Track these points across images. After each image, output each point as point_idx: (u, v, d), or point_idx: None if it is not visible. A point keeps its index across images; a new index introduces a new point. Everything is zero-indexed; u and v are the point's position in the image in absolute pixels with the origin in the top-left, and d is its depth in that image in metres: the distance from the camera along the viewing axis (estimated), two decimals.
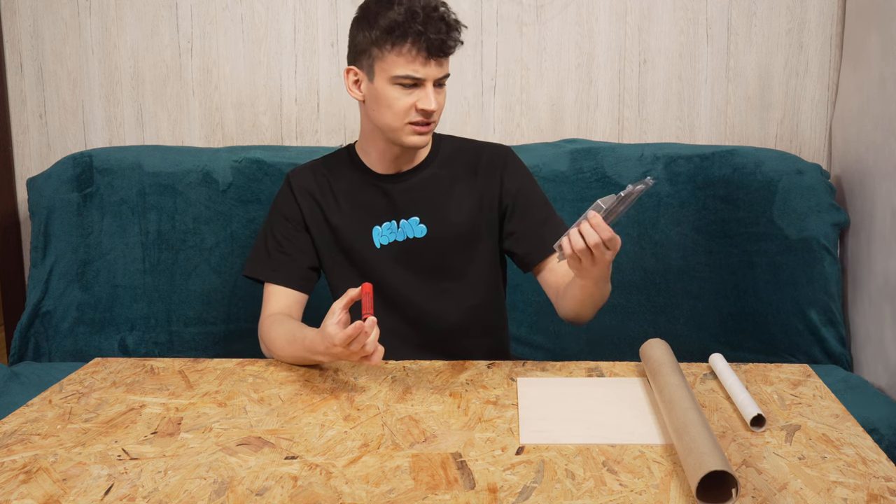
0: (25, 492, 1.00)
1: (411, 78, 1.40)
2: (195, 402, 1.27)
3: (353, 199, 1.56)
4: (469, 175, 1.57)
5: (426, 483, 1.01)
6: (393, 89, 1.42)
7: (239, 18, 2.26)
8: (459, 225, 1.55)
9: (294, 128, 2.31)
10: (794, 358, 2.04)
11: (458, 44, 1.43)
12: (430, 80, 1.41)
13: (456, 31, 1.42)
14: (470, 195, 1.56)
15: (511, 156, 1.60)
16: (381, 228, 1.55)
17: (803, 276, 2.03)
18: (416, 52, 1.39)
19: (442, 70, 1.43)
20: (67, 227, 2.10)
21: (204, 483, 1.01)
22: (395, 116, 1.44)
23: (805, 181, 2.05)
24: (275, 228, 1.58)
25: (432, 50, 1.39)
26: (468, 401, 1.26)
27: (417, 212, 1.54)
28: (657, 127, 2.27)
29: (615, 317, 2.07)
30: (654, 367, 1.27)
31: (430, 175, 1.56)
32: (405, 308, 1.55)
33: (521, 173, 1.59)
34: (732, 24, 2.22)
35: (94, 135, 2.32)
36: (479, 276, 1.58)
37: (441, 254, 1.55)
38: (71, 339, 2.10)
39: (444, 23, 1.40)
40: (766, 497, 0.97)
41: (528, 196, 1.58)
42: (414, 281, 1.55)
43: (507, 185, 1.57)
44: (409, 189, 1.55)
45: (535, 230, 1.55)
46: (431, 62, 1.40)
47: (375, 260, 1.54)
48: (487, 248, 1.58)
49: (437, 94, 1.44)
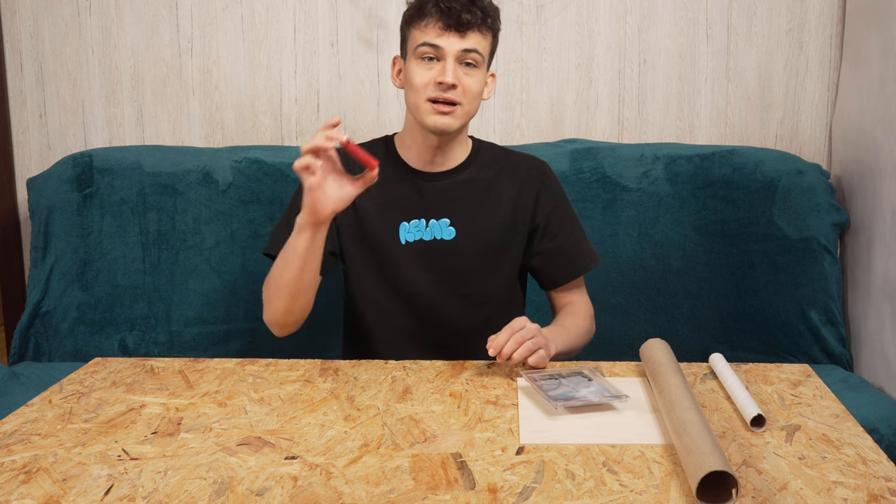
0: (25, 492, 0.99)
1: (429, 46, 1.42)
2: (195, 402, 1.27)
3: (385, 192, 1.53)
4: (506, 185, 1.56)
5: (426, 483, 1.01)
6: (417, 64, 1.44)
7: (239, 18, 2.26)
8: (489, 233, 1.54)
9: (294, 128, 2.31)
10: (794, 358, 2.04)
11: (481, 20, 1.43)
12: (450, 54, 1.42)
13: (479, 8, 1.43)
14: (504, 205, 1.55)
15: (549, 173, 1.59)
16: (408, 225, 1.53)
17: (803, 276, 2.04)
18: (434, 22, 1.42)
19: (462, 44, 1.42)
20: (67, 227, 2.10)
21: (204, 483, 1.01)
22: (416, 92, 1.44)
23: (805, 181, 2.05)
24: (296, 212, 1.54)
25: (450, 21, 1.41)
26: (468, 401, 1.26)
27: (449, 214, 1.53)
28: (657, 127, 2.27)
29: (615, 317, 2.07)
30: (654, 367, 1.27)
31: (467, 179, 1.55)
32: (419, 307, 1.55)
33: (557, 192, 1.59)
34: (732, 24, 2.22)
35: (94, 135, 2.32)
36: (499, 286, 1.57)
37: (466, 259, 1.54)
38: (71, 339, 2.10)
39: (469, 1, 1.42)
40: (766, 497, 0.97)
41: (561, 218, 1.57)
42: (433, 282, 1.53)
43: (543, 204, 1.56)
44: (444, 189, 1.53)
45: (562, 253, 1.55)
46: (449, 34, 1.41)
47: (398, 255, 1.53)
48: (512, 260, 1.57)
49: (464, 74, 1.43)
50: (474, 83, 1.45)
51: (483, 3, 1.44)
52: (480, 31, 1.44)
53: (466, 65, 1.44)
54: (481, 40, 1.44)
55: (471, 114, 1.48)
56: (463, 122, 1.47)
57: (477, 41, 1.44)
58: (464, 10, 1.41)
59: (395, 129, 2.28)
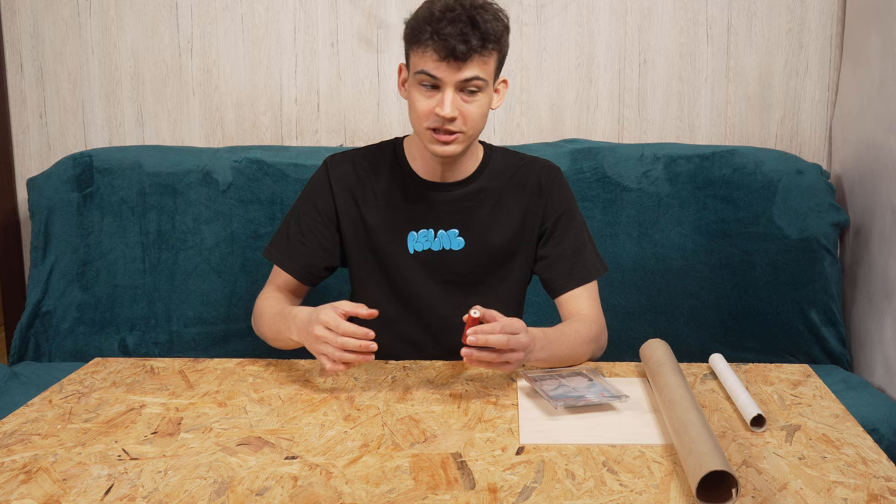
0: (25, 492, 0.99)
1: (427, 76, 1.35)
2: (195, 402, 1.27)
3: (393, 201, 1.51)
4: (516, 193, 1.53)
5: (426, 483, 1.01)
6: (417, 89, 1.38)
7: (239, 18, 2.26)
8: (499, 243, 1.52)
9: (294, 128, 2.31)
10: (794, 358, 2.04)
11: (480, 46, 1.33)
12: (448, 84, 1.34)
13: (479, 32, 1.33)
14: (514, 214, 1.53)
15: (560, 178, 1.56)
16: (416, 234, 1.51)
17: (803, 276, 2.04)
18: (431, 52, 1.34)
19: (461, 74, 1.34)
20: (67, 227, 2.10)
21: (204, 483, 1.01)
22: (417, 119, 1.39)
23: (805, 181, 2.05)
24: (302, 216, 1.53)
25: (446, 52, 1.33)
26: (468, 401, 1.26)
27: (458, 224, 1.51)
28: (657, 127, 2.27)
29: (615, 317, 2.07)
30: (654, 368, 1.27)
31: (477, 189, 1.52)
32: (426, 317, 1.53)
33: (567, 197, 1.55)
34: (732, 24, 2.22)
35: (94, 135, 2.32)
36: (507, 294, 1.56)
37: (475, 269, 1.52)
38: (71, 339, 2.10)
39: (468, 25, 1.33)
40: (766, 497, 0.97)
41: (568, 223, 1.54)
42: (441, 292, 1.52)
43: (551, 209, 1.53)
44: (453, 200, 1.51)
45: (566, 260, 1.52)
46: (447, 64, 1.33)
47: (406, 265, 1.51)
48: (520, 268, 1.56)
49: (464, 102, 1.36)
50: (476, 109, 1.38)
51: (485, 25, 1.34)
52: (481, 55, 1.34)
53: (469, 92, 1.37)
54: (483, 65, 1.36)
55: (475, 136, 1.43)
56: (466, 145, 1.42)
57: (478, 68, 1.35)
58: (460, 41, 1.32)
59: (395, 130, 2.30)
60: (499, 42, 1.37)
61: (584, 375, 1.31)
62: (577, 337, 1.41)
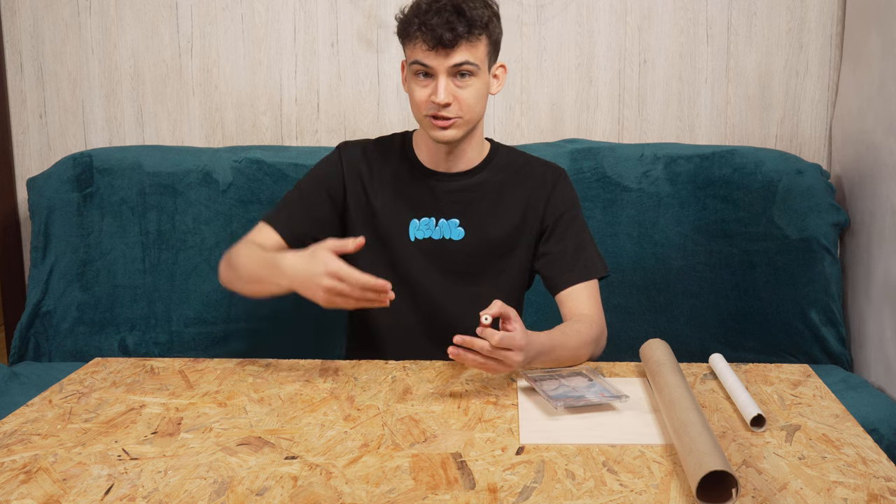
0: (25, 492, 0.99)
1: (420, 65, 1.41)
2: (195, 402, 1.27)
3: (397, 189, 1.55)
4: (518, 188, 1.56)
5: (426, 483, 1.01)
6: (414, 80, 1.44)
7: (239, 18, 2.26)
8: (498, 236, 1.54)
9: (294, 128, 2.31)
10: (794, 358, 2.04)
11: (467, 31, 1.38)
12: (440, 71, 1.40)
13: (465, 19, 1.38)
14: (515, 208, 1.55)
15: (563, 178, 1.58)
16: (418, 222, 1.54)
17: (803, 276, 2.04)
18: (422, 41, 1.39)
19: (451, 59, 1.39)
20: (67, 227, 2.10)
21: (204, 483, 1.01)
22: (416, 108, 1.45)
23: (805, 181, 2.05)
24: (305, 186, 1.57)
25: (434, 40, 1.38)
26: (468, 401, 1.26)
27: (459, 214, 1.54)
28: (657, 127, 2.27)
29: (615, 317, 2.07)
30: (654, 368, 1.27)
31: (480, 181, 1.55)
32: (424, 304, 1.55)
33: (569, 197, 1.58)
34: (732, 24, 2.22)
35: (94, 135, 2.32)
36: (506, 286, 1.57)
37: (473, 260, 1.55)
38: (71, 339, 2.10)
39: (454, 13, 1.37)
40: (766, 497, 0.97)
41: (570, 221, 1.56)
42: (440, 280, 1.54)
43: (552, 207, 1.55)
44: (456, 190, 1.54)
45: (567, 256, 1.53)
46: (436, 52, 1.39)
47: (406, 252, 1.54)
48: (519, 262, 1.57)
49: (457, 88, 1.41)
50: (471, 93, 1.42)
51: (471, 13, 1.39)
52: (469, 41, 1.39)
53: (461, 76, 1.41)
54: (472, 50, 1.40)
55: (473, 120, 1.47)
56: (466, 130, 1.46)
57: (467, 53, 1.39)
58: (447, 29, 1.37)
59: (395, 129, 2.28)
60: (486, 27, 1.42)
61: (584, 375, 1.31)
62: (580, 338, 1.41)
